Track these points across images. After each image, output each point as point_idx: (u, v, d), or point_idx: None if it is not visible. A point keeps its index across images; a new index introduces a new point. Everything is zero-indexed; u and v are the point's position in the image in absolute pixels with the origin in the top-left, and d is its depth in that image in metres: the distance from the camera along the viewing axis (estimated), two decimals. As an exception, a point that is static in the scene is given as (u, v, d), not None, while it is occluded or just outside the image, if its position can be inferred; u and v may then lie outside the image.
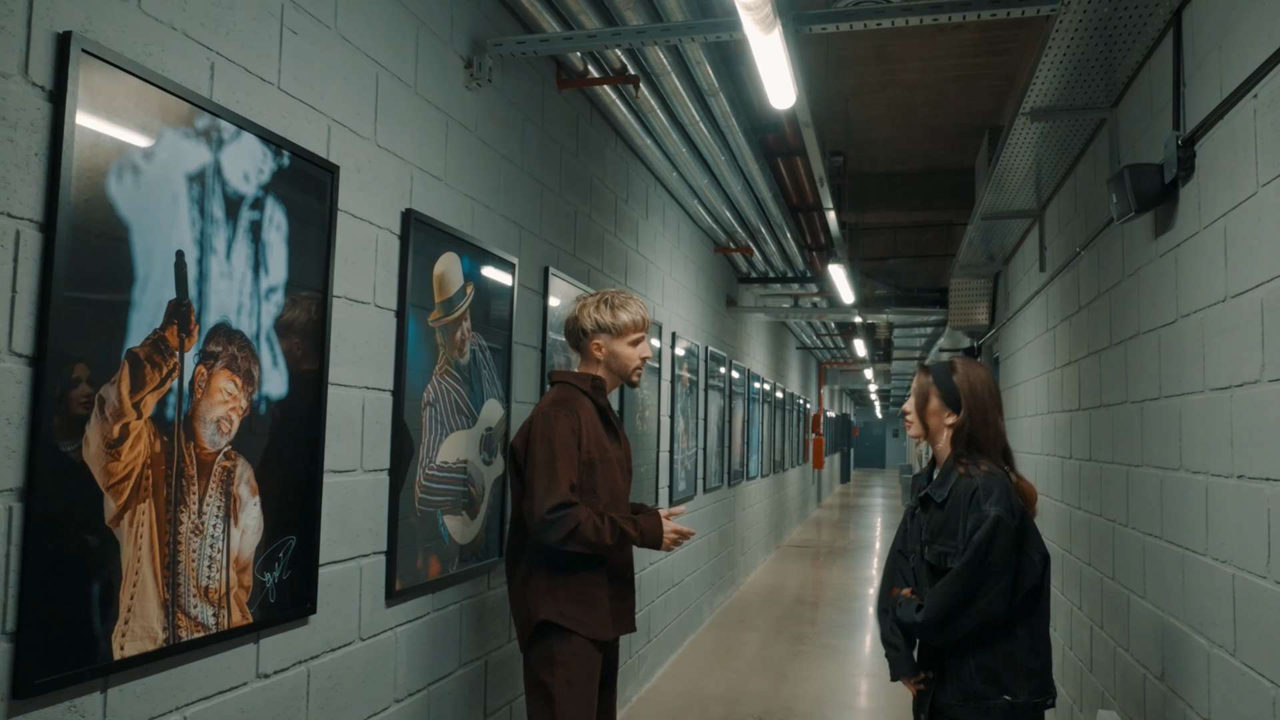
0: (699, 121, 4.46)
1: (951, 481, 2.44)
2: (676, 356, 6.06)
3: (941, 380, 2.52)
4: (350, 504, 2.46)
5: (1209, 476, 2.45)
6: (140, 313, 1.76)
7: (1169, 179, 2.68)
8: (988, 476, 2.39)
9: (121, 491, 1.71)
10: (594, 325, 2.69)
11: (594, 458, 2.59)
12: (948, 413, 2.51)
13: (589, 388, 2.69)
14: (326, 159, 2.34)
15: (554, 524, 2.44)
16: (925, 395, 2.54)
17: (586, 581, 2.57)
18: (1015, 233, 5.62)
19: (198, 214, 1.90)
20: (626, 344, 2.70)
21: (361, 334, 2.51)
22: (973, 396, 2.47)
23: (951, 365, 2.54)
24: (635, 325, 2.70)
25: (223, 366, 1.97)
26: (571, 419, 2.56)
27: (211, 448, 1.94)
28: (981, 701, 2.35)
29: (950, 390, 2.50)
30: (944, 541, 2.42)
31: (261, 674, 2.11)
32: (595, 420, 2.65)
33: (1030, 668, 2.35)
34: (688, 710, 4.97)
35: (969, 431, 2.46)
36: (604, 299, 2.70)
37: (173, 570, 1.84)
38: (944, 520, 2.42)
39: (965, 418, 2.46)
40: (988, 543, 2.30)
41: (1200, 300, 2.53)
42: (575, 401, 2.62)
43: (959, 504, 2.39)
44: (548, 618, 2.53)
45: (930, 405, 2.53)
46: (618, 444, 2.72)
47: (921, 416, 2.56)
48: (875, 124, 6.96)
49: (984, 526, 2.30)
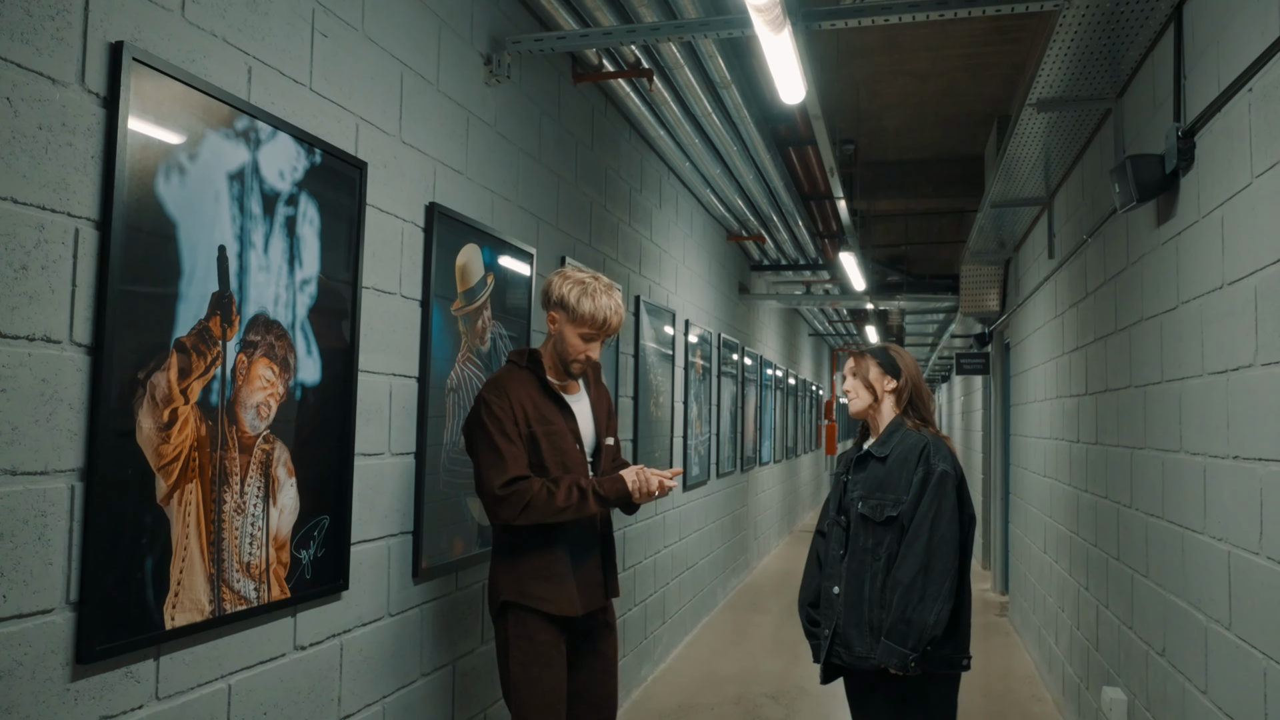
0: (711, 113, 4.54)
1: (896, 439, 2.62)
2: (690, 344, 6.15)
3: (879, 355, 2.76)
4: (379, 485, 2.58)
5: (1207, 458, 2.54)
6: (186, 304, 1.87)
7: (1170, 169, 2.75)
8: (935, 437, 2.62)
9: (171, 472, 1.83)
10: (558, 298, 2.57)
11: (536, 431, 2.52)
12: (889, 379, 2.72)
13: (525, 362, 2.61)
14: (355, 156, 2.44)
15: (505, 500, 2.41)
16: (865, 366, 2.76)
17: (549, 557, 2.51)
18: (1025, 220, 5.69)
19: (238, 210, 2.01)
20: (576, 333, 2.56)
21: (389, 323, 2.62)
22: (907, 366, 2.73)
23: (885, 347, 2.80)
24: (590, 320, 2.54)
25: (261, 354, 2.08)
26: (500, 398, 2.50)
27: (251, 431, 2.06)
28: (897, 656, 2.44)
29: (889, 361, 2.74)
30: (882, 494, 2.57)
31: (299, 646, 2.23)
32: (533, 393, 2.56)
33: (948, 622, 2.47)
34: (703, 689, 5.09)
35: (910, 395, 2.69)
36: (581, 280, 2.57)
37: (217, 547, 1.95)
38: (885, 475, 2.59)
39: (906, 382, 2.70)
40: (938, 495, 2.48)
41: (1199, 287, 2.61)
42: (508, 379, 2.56)
43: (906, 458, 2.56)
44: (509, 598, 2.49)
45: (871, 374, 2.73)
46: (565, 414, 2.61)
47: (866, 384, 2.73)
48: (886, 112, 7.02)
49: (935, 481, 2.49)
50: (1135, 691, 3.30)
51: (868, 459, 2.67)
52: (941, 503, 2.49)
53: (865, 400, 2.75)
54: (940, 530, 2.47)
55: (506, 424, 2.48)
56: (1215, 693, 2.48)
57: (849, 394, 2.81)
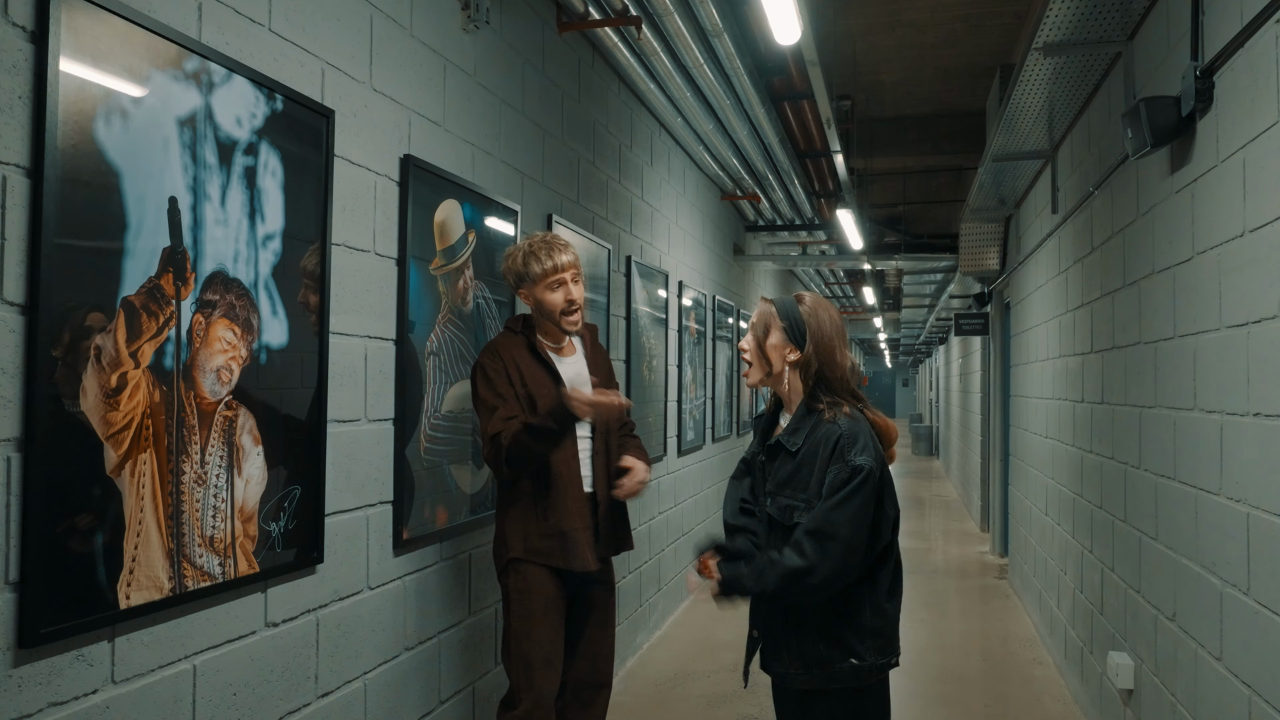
0: (703, 64, 4.37)
1: (808, 427, 2.11)
2: (683, 306, 6.01)
3: (786, 311, 2.18)
4: (355, 453, 2.45)
5: (1224, 415, 2.42)
6: (134, 260, 1.73)
7: (1186, 112, 2.60)
8: (851, 422, 2.08)
9: (121, 441, 1.70)
10: (515, 277, 2.70)
11: (532, 391, 2.59)
12: (790, 348, 2.16)
13: (520, 327, 2.72)
14: (321, 103, 2.29)
15: (490, 457, 2.53)
16: (766, 326, 2.19)
17: (554, 515, 2.59)
18: (1027, 175, 5.53)
19: (190, 159, 1.86)
20: (545, 289, 2.64)
21: (362, 282, 2.48)
22: (819, 331, 2.14)
23: (799, 298, 2.21)
24: (547, 272, 2.63)
25: (221, 315, 1.95)
26: (494, 360, 2.61)
27: (212, 397, 1.92)
28: (825, 666, 2.08)
29: (795, 321, 2.15)
30: (791, 494, 2.10)
31: (270, 623, 2.12)
32: (525, 357, 2.64)
33: (875, 627, 2.08)
34: (699, 656, 5.02)
35: (816, 369, 2.13)
36: (520, 250, 2.67)
37: (176, 520, 1.83)
38: (794, 470, 2.10)
39: (811, 353, 2.13)
40: (853, 495, 2.00)
41: (1217, 236, 2.48)
42: (502, 344, 2.66)
43: (816, 452, 2.07)
44: (516, 554, 2.60)
45: (771, 339, 2.18)
46: (552, 377, 2.64)
47: (761, 350, 2.19)
48: (884, 65, 6.83)
49: (854, 480, 2.00)
50: (1143, 656, 3.21)
51: (779, 449, 2.16)
52: (851, 499, 1.99)
53: (759, 373, 2.21)
54: (839, 530, 1.98)
55: (499, 383, 2.58)
56: (1231, 659, 2.38)
57: (744, 353, 2.24)
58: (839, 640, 2.07)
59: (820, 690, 2.11)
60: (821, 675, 2.09)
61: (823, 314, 2.17)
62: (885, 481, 2.10)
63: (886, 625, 2.11)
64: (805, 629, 2.10)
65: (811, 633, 2.09)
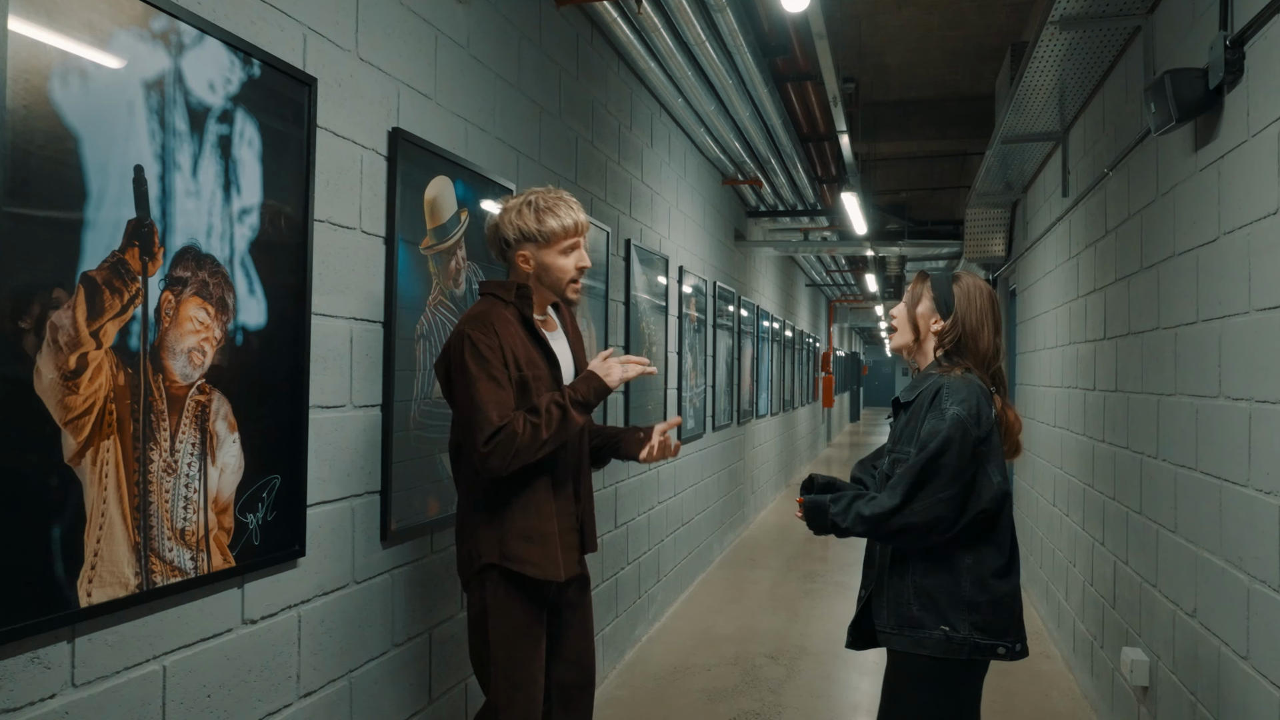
0: (705, 41, 4.23)
1: (924, 384, 2.24)
2: (684, 293, 5.89)
3: (940, 286, 2.31)
4: (340, 441, 2.33)
5: (1253, 403, 2.30)
6: (96, 233, 1.61)
7: (1214, 84, 2.48)
8: (961, 380, 2.18)
9: (82, 427, 1.58)
10: (517, 234, 2.31)
11: (526, 375, 2.27)
12: (935, 317, 2.30)
13: (513, 296, 2.33)
14: (303, 70, 2.16)
15: (493, 454, 2.16)
16: (918, 296, 2.35)
17: (534, 515, 2.28)
18: (1035, 158, 5.40)
19: (158, 125, 1.73)
20: (557, 253, 2.32)
21: (347, 261, 2.36)
22: (969, 306, 2.27)
23: (955, 276, 2.33)
24: (566, 231, 2.32)
25: (192, 293, 1.82)
26: (488, 336, 2.23)
27: (183, 381, 1.80)
28: (916, 630, 2.15)
29: (946, 295, 2.29)
30: (902, 447, 2.20)
31: (248, 619, 2.00)
32: (520, 334, 2.31)
33: (975, 601, 2.12)
34: (699, 649, 4.91)
35: (957, 339, 2.26)
36: (528, 201, 2.33)
37: (144, 512, 1.71)
38: (905, 423, 2.23)
39: (954, 323, 2.26)
40: (943, 442, 2.08)
41: (1246, 215, 2.35)
42: (494, 315, 2.28)
43: (922, 403, 2.19)
44: (491, 560, 2.26)
45: (920, 307, 2.33)
46: (549, 361, 2.36)
47: (911, 317, 2.34)
48: (889, 47, 6.69)
49: (944, 430, 2.08)
50: (1159, 653, 3.10)
51: (899, 405, 2.31)
52: (944, 450, 2.07)
53: (906, 336, 2.35)
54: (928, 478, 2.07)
55: (495, 365, 2.21)
56: (1258, 658, 2.27)
57: (893, 318, 2.41)
58: (934, 606, 2.14)
59: (911, 654, 2.16)
60: (911, 638, 2.15)
61: (974, 292, 2.28)
62: (991, 445, 2.15)
63: (990, 604, 2.13)
64: (904, 589, 2.18)
65: (908, 593, 2.17)
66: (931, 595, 2.14)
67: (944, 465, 2.08)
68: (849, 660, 4.81)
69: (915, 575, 2.17)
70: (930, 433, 2.10)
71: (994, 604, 2.13)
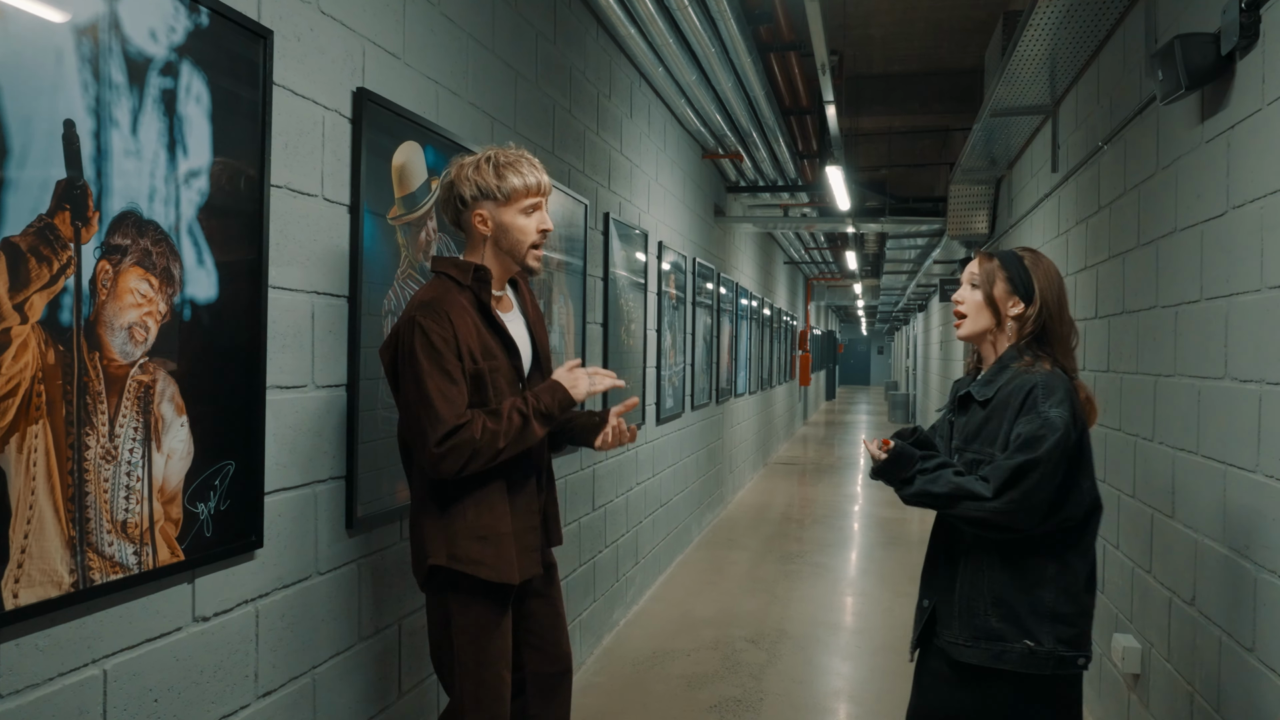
0: (687, 5, 4.07)
1: (1004, 378, 2.04)
2: (663, 269, 5.75)
3: (1011, 264, 2.11)
4: (301, 424, 2.18)
5: (1264, 385, 2.20)
6: (19, 194, 1.44)
7: (1226, 50, 2.36)
8: (1050, 375, 1.98)
9: (5, 411, 1.42)
10: (475, 190, 2.13)
11: (482, 368, 2.10)
12: (1014, 300, 2.09)
13: (470, 279, 2.14)
14: (257, 21, 1.98)
15: (446, 456, 2.00)
16: (991, 278, 2.12)
17: (487, 512, 2.12)
18: (1023, 133, 5.29)
19: (90, 76, 1.56)
20: (518, 212, 2.14)
21: (308, 231, 2.19)
22: (1047, 285, 2.08)
23: (1020, 254, 2.14)
24: (529, 189, 2.14)
25: (133, 263, 1.66)
26: (441, 325, 2.04)
27: (123, 359, 1.64)
28: (995, 643, 1.98)
29: (1022, 275, 2.09)
30: (979, 447, 2.04)
31: (199, 617, 1.85)
32: (476, 322, 2.13)
33: (1060, 613, 1.97)
34: (679, 634, 4.81)
35: (1042, 323, 2.06)
36: (487, 157, 2.15)
37: (79, 504, 1.55)
38: (983, 422, 2.04)
39: (1040, 308, 2.06)
40: (1049, 447, 1.90)
41: (1259, 188, 2.24)
42: (448, 301, 2.09)
43: (1008, 402, 1.99)
44: (438, 562, 2.09)
45: (998, 288, 2.10)
46: (509, 350, 2.19)
47: (990, 302, 2.11)
48: (873, 17, 6.55)
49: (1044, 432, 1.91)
50: (1152, 640, 3.02)
51: (969, 401, 2.12)
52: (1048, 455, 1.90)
53: (983, 322, 2.13)
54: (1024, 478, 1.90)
55: (448, 359, 2.04)
56: (1265, 650, 2.18)
57: (961, 308, 2.18)
58: (1015, 618, 1.97)
59: (988, 670, 1.99)
60: (990, 652, 1.99)
61: (1048, 268, 2.12)
62: (1083, 449, 2.00)
63: (1076, 615, 1.98)
64: (981, 600, 2.01)
65: (987, 603, 2.00)
66: (1013, 607, 1.98)
67: (1042, 471, 1.90)
68: (829, 645, 4.73)
69: (993, 586, 2.00)
70: (1031, 436, 1.92)
71: (1080, 616, 1.99)
